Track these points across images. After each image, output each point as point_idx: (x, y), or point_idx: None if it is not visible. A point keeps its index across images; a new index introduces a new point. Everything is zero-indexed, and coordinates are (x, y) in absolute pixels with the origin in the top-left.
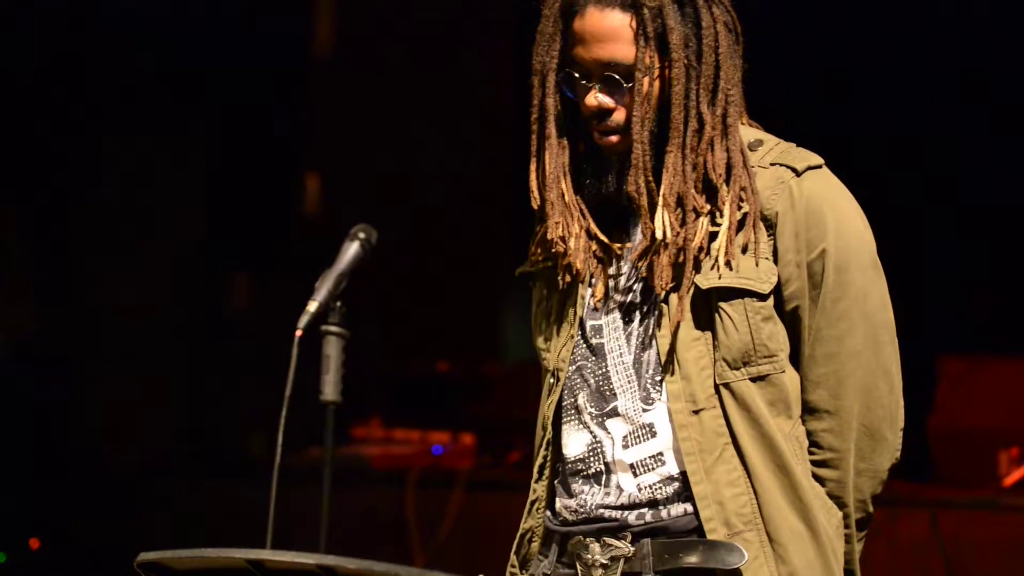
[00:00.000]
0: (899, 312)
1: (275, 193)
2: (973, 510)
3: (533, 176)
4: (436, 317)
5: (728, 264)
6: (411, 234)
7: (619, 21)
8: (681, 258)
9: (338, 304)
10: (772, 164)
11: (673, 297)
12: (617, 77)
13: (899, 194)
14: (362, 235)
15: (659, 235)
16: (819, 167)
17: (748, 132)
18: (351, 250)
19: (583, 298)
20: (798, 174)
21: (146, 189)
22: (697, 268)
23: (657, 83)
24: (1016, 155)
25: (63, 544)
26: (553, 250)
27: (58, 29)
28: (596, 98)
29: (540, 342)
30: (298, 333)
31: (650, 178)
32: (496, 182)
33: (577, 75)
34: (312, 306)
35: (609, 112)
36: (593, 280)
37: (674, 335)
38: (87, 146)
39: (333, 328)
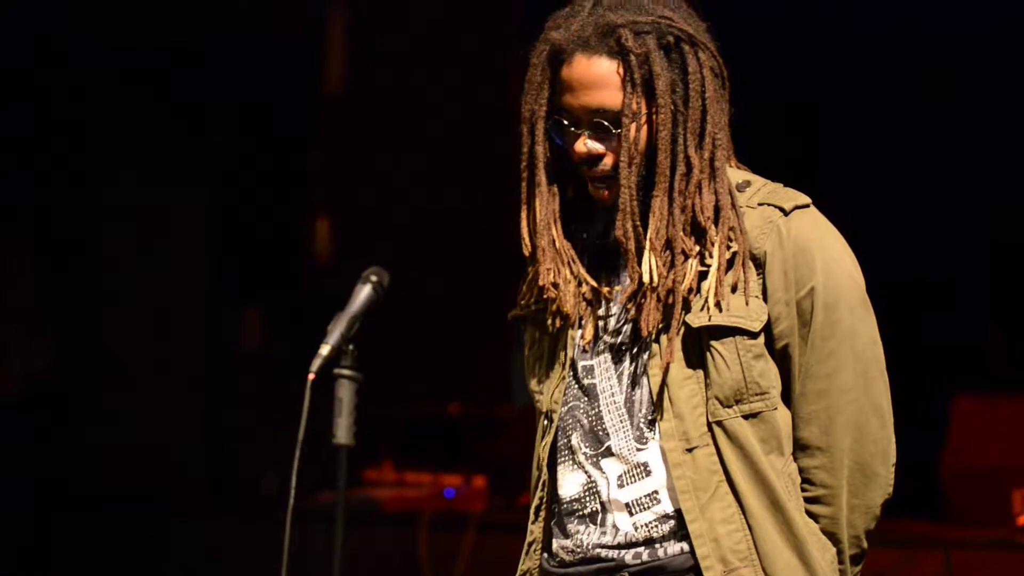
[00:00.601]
0: (913, 351)
1: (282, 224)
2: (987, 550)
3: (524, 223)
4: (447, 360)
5: (718, 305)
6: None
7: (606, 68)
8: (670, 300)
9: (350, 347)
10: (760, 204)
11: (663, 337)
12: (606, 123)
13: (912, 234)
14: (374, 278)
15: (646, 279)
16: (807, 206)
17: (736, 174)
18: (363, 293)
19: (573, 339)
20: (786, 213)
21: (154, 223)
22: (687, 308)
23: (645, 128)
24: None
25: None
26: (544, 296)
27: (66, 64)
28: (586, 145)
29: (533, 384)
30: (311, 376)
31: (637, 223)
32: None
33: (566, 122)
34: (324, 349)
35: (599, 158)
36: (583, 322)
37: (665, 374)
38: (96, 182)
39: (345, 371)
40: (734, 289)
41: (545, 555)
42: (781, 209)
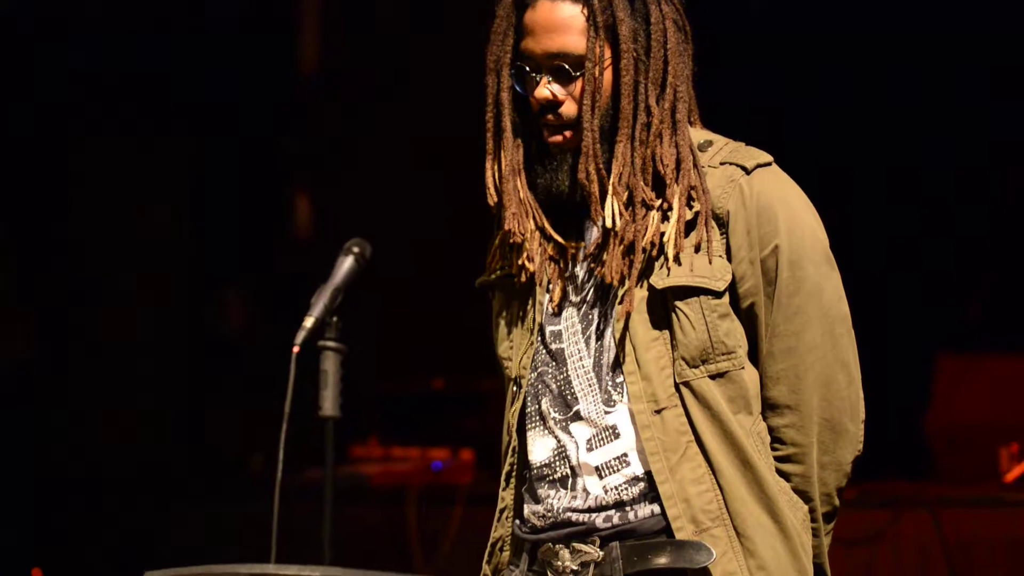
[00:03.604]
0: (898, 312)
1: (263, 206)
2: (975, 508)
3: (489, 172)
4: (432, 334)
5: (678, 259)
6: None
7: (569, 12)
8: (633, 253)
9: (334, 319)
10: (722, 163)
11: (627, 296)
12: (567, 67)
13: (897, 196)
14: (356, 249)
15: (608, 223)
16: (769, 164)
17: (698, 134)
18: (346, 265)
19: (541, 304)
20: (748, 172)
21: (134, 208)
22: (650, 266)
23: (607, 74)
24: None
25: (64, 568)
26: (511, 241)
27: (45, 57)
28: (546, 89)
29: (501, 351)
30: (295, 349)
31: (600, 166)
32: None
33: (527, 68)
34: (308, 322)
35: (558, 104)
36: (550, 285)
37: (632, 336)
38: (78, 171)
39: (330, 343)
40: (697, 249)
41: (517, 521)
42: (743, 168)
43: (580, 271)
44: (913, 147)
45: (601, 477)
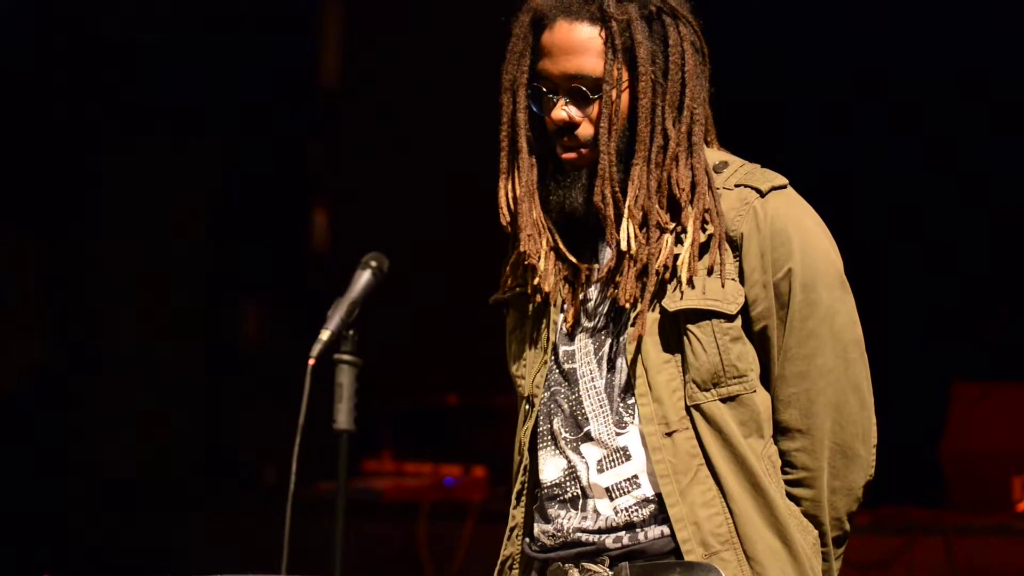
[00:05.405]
0: (914, 338)
1: (281, 219)
2: (987, 535)
3: (503, 192)
4: (446, 350)
5: (691, 282)
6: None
7: (587, 34)
8: (647, 276)
9: (350, 332)
10: (737, 185)
11: (640, 318)
12: (584, 89)
13: (907, 221)
14: (374, 263)
15: (624, 246)
16: (784, 187)
17: (714, 154)
18: (363, 278)
19: (555, 323)
20: (762, 195)
21: (151, 221)
22: (663, 289)
23: (624, 96)
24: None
25: None
26: (525, 262)
27: (63, 62)
28: (563, 111)
29: (515, 369)
30: (311, 362)
31: (616, 189)
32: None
33: (544, 89)
34: (325, 335)
35: (575, 126)
36: (564, 305)
37: (644, 358)
38: (92, 180)
39: (345, 356)
40: (710, 272)
41: (527, 540)
42: (758, 190)
43: (593, 292)
44: (921, 164)
45: (612, 498)
